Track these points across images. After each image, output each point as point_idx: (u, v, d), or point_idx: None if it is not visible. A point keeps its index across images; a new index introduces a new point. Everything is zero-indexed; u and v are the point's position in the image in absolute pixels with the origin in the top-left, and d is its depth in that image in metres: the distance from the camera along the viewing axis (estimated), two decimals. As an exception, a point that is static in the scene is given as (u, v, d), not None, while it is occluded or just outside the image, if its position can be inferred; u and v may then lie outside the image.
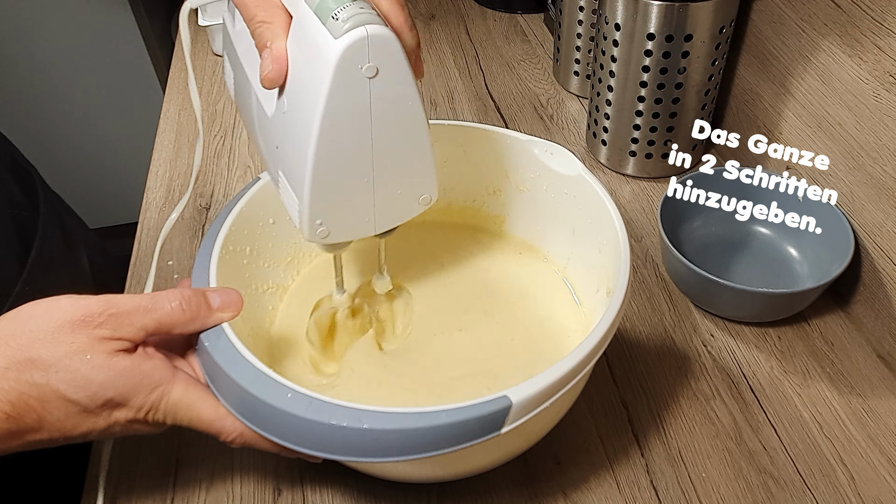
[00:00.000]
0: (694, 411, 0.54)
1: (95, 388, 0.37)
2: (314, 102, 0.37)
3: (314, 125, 0.37)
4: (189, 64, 0.47)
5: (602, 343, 0.40)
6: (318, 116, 0.37)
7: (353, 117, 0.38)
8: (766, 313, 0.59)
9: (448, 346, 0.52)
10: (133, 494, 0.49)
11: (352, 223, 0.43)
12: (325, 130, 0.37)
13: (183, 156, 0.81)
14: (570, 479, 0.50)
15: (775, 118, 0.67)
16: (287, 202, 0.43)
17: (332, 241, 0.43)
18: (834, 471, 0.50)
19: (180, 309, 0.40)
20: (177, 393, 0.39)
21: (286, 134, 0.41)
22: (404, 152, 0.42)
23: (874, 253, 0.57)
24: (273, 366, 0.42)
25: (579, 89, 0.87)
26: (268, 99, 0.42)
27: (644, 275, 0.65)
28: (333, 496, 0.49)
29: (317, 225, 0.42)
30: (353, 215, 0.43)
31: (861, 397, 0.54)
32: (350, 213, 0.42)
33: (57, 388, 0.36)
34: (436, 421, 0.36)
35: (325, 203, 0.41)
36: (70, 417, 0.37)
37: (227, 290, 0.43)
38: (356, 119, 0.38)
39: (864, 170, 0.56)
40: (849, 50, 0.57)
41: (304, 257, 0.57)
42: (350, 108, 0.37)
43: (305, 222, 0.41)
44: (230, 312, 0.42)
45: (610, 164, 0.75)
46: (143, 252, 0.69)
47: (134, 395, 0.38)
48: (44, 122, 1.64)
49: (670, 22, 0.63)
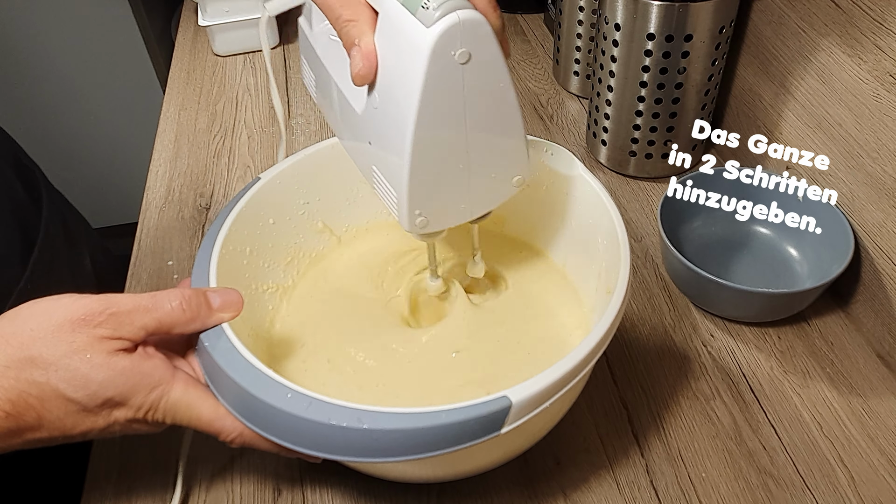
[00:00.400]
0: (694, 411, 0.54)
1: (95, 387, 0.37)
2: (409, 94, 0.37)
3: (410, 116, 0.37)
4: (269, 69, 0.51)
5: (602, 343, 0.40)
6: (415, 107, 0.37)
7: (448, 105, 0.38)
8: (766, 313, 0.59)
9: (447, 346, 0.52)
10: (133, 494, 0.49)
11: (449, 211, 0.44)
12: (421, 121, 0.37)
13: (183, 156, 0.81)
14: (570, 479, 0.50)
15: (775, 118, 0.67)
16: (384, 196, 0.43)
17: (431, 230, 0.44)
18: (834, 471, 0.50)
19: (181, 309, 0.40)
20: (176, 392, 0.39)
21: (379, 129, 0.41)
22: (497, 135, 0.42)
23: (874, 253, 0.57)
24: (273, 366, 0.42)
25: (579, 89, 0.87)
26: (356, 96, 0.42)
27: (644, 275, 0.65)
28: (333, 496, 0.49)
29: (415, 215, 0.42)
30: (449, 203, 0.43)
31: (861, 397, 0.54)
32: (447, 200, 0.43)
33: (56, 387, 0.36)
34: (436, 421, 0.36)
35: (424, 193, 0.41)
36: (69, 416, 0.37)
37: (227, 291, 0.43)
38: (451, 107, 0.38)
39: (864, 170, 0.56)
40: (849, 50, 0.57)
41: (304, 257, 0.57)
42: (444, 96, 0.38)
43: (405, 214, 0.41)
44: (231, 312, 0.42)
45: (610, 164, 0.75)
46: (143, 252, 0.69)
47: (133, 394, 0.38)
48: (45, 121, 1.64)
49: (670, 22, 0.63)
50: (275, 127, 0.85)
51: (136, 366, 0.38)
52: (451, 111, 0.38)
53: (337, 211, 0.58)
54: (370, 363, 0.51)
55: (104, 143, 1.71)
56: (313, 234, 0.57)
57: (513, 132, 0.42)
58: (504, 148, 0.43)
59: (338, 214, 0.58)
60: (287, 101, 0.89)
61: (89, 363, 0.37)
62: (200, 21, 0.95)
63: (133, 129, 1.67)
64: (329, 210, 0.57)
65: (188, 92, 0.92)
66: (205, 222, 0.72)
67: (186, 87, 0.93)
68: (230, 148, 0.82)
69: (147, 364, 0.39)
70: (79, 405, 0.37)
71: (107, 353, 0.37)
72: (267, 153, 0.81)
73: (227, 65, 0.97)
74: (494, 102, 0.40)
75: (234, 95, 0.91)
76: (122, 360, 0.38)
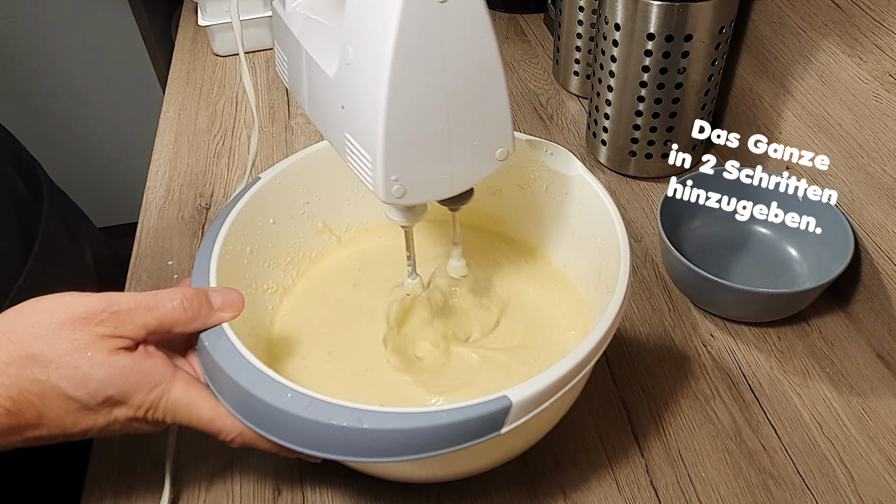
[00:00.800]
0: (694, 411, 0.54)
1: (96, 385, 0.37)
2: (384, 37, 0.35)
3: (385, 62, 0.35)
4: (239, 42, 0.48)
5: (602, 343, 0.40)
6: (390, 50, 0.35)
7: (426, 51, 0.36)
8: (766, 313, 0.59)
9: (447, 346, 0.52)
10: (133, 494, 0.49)
11: (428, 181, 0.41)
12: (397, 64, 0.35)
13: (183, 156, 0.81)
14: (570, 479, 0.50)
15: (775, 118, 0.67)
16: (358, 166, 0.41)
17: (409, 201, 0.41)
18: (834, 471, 0.50)
19: (182, 308, 0.40)
20: (177, 392, 0.39)
21: (353, 86, 0.39)
22: (478, 94, 0.39)
23: (874, 253, 0.57)
24: (273, 366, 0.42)
25: (579, 89, 0.87)
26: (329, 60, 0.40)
27: (644, 275, 0.65)
28: (333, 496, 0.49)
29: (392, 182, 0.39)
30: (429, 171, 0.41)
31: (861, 397, 0.54)
32: (426, 168, 0.40)
33: (57, 385, 0.36)
34: (436, 421, 0.36)
35: (401, 154, 0.39)
36: (70, 414, 0.37)
37: (228, 290, 0.43)
38: (428, 53, 0.36)
39: (864, 170, 0.56)
40: (849, 50, 0.57)
41: (304, 257, 0.57)
42: (422, 39, 0.35)
43: (380, 179, 0.39)
44: (231, 312, 0.42)
45: (610, 164, 0.75)
46: (143, 252, 0.69)
47: (134, 393, 0.38)
48: (45, 120, 1.64)
49: (670, 22, 0.63)
50: (275, 126, 0.85)
51: (136, 364, 0.38)
52: (428, 58, 0.36)
53: (337, 211, 0.58)
54: (370, 363, 0.51)
55: (104, 143, 1.71)
56: (313, 234, 0.57)
57: (495, 93, 0.40)
58: (486, 111, 0.40)
59: (338, 214, 0.58)
60: (287, 100, 0.89)
61: (90, 361, 0.37)
62: (200, 21, 0.95)
63: (133, 129, 1.67)
64: (329, 210, 0.57)
65: (188, 92, 0.92)
66: (205, 222, 0.72)
67: (186, 87, 0.93)
68: (230, 148, 0.82)
69: (148, 363, 0.39)
70: (79, 403, 0.37)
71: (108, 351, 0.37)
72: (267, 153, 0.81)
73: (227, 65, 0.97)
74: (475, 54, 0.37)
75: (234, 95, 0.91)
76: (123, 359, 0.38)
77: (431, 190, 0.42)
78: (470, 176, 0.43)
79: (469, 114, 0.39)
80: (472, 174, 0.43)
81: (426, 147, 0.39)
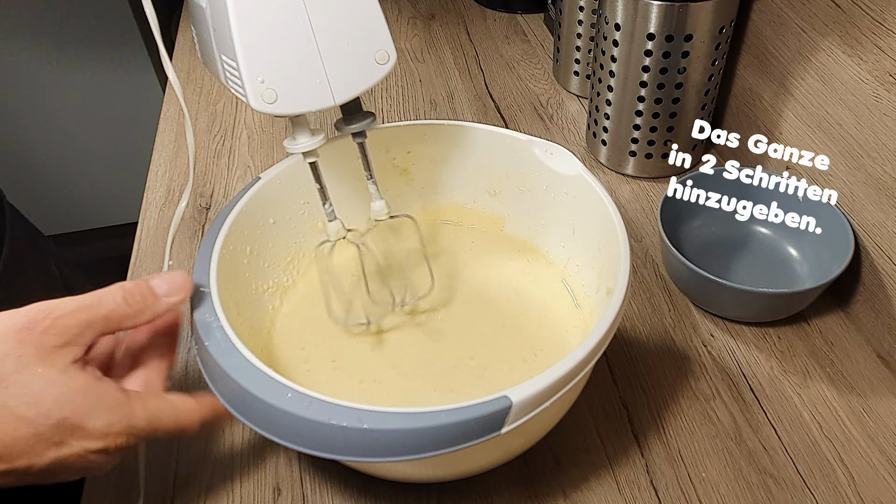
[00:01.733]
0: (694, 411, 0.54)
1: (49, 404, 0.35)
2: None
3: None
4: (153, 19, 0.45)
5: (602, 343, 0.40)
6: None
7: None
8: (766, 313, 0.59)
9: (448, 346, 0.52)
10: (133, 493, 0.49)
11: (303, 87, 0.39)
12: None
13: (183, 156, 0.81)
14: (570, 479, 0.50)
15: (775, 118, 0.67)
16: (233, 83, 0.40)
17: (285, 108, 0.39)
18: (834, 471, 0.50)
19: (125, 302, 0.38)
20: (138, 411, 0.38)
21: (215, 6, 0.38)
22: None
23: (874, 253, 0.57)
24: (273, 365, 0.42)
25: (579, 89, 0.87)
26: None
27: (644, 275, 0.65)
28: (333, 496, 0.49)
29: (259, 84, 0.38)
30: (300, 76, 0.39)
31: (861, 397, 0.54)
32: (296, 71, 0.39)
33: (6, 404, 0.34)
34: (436, 421, 0.36)
35: (260, 53, 0.37)
36: (21, 441, 0.34)
37: (172, 274, 0.41)
38: None
39: (864, 170, 0.56)
40: (849, 50, 0.57)
41: (304, 257, 0.57)
42: None
43: (247, 82, 0.38)
44: (178, 296, 0.40)
45: (610, 164, 0.75)
46: (143, 252, 0.69)
47: (89, 417, 0.36)
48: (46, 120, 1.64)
49: (670, 22, 0.63)
50: (275, 126, 0.85)
51: (91, 385, 0.36)
52: None
53: (337, 211, 0.58)
54: (369, 363, 0.51)
55: (104, 143, 1.71)
56: (313, 234, 0.57)
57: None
58: (354, 10, 0.38)
59: (338, 214, 0.58)
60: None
61: (42, 378, 0.35)
62: (200, 21, 0.95)
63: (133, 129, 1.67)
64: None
65: (188, 92, 0.92)
66: (205, 222, 0.72)
67: (186, 87, 0.93)
68: (230, 148, 0.82)
69: (101, 385, 0.37)
70: (32, 426, 0.34)
71: (60, 368, 0.35)
72: (267, 153, 0.81)
73: (227, 65, 0.97)
74: None
75: (233, 95, 0.91)
76: (77, 378, 0.36)
77: (308, 97, 0.40)
78: (351, 83, 0.41)
79: (331, 8, 0.38)
80: (353, 81, 0.41)
81: (289, 45, 0.38)
